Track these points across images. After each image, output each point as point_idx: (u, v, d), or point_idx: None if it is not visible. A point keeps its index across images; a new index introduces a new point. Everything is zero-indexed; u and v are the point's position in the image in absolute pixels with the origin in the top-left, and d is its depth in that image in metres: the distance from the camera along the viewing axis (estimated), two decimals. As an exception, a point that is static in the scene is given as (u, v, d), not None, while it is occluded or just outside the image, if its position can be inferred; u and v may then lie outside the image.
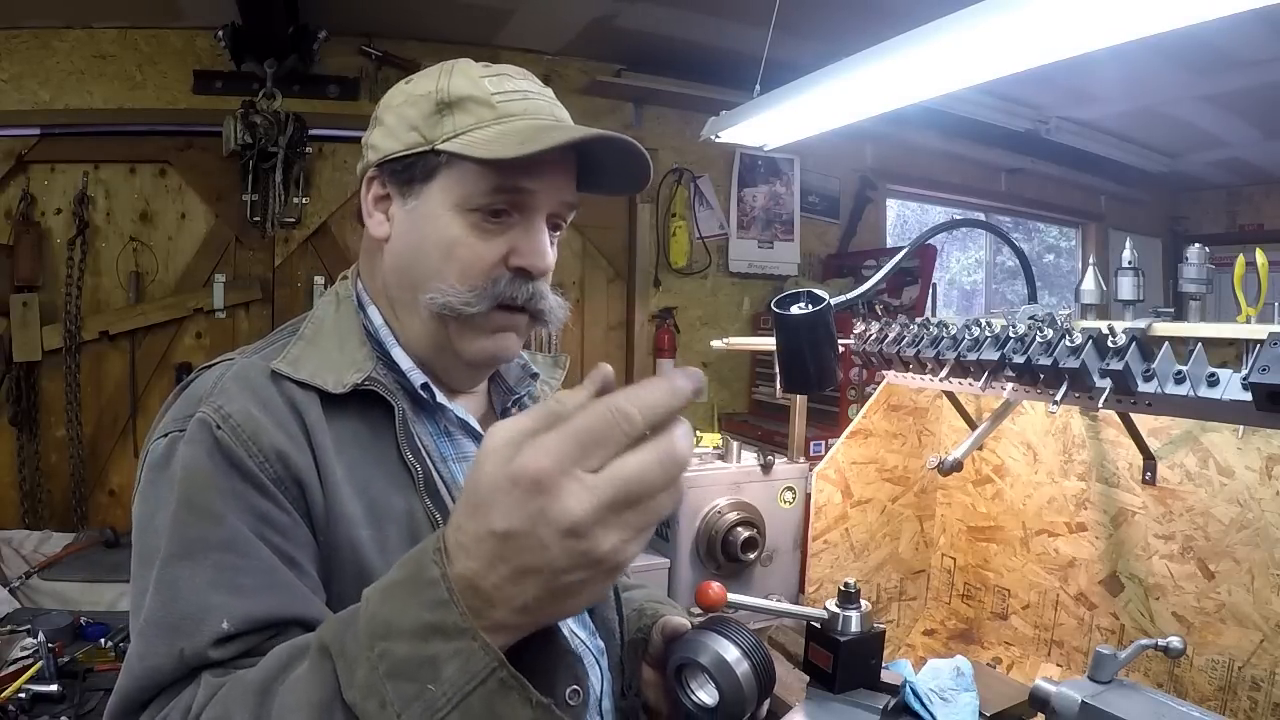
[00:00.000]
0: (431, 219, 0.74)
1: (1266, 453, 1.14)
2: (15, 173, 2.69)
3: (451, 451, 0.79)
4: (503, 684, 0.43)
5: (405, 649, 0.44)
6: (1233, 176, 4.72)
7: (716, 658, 0.76)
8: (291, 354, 0.72)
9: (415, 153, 0.74)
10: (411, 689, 0.43)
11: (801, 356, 1.34)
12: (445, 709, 0.43)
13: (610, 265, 3.48)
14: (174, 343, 2.87)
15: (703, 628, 0.80)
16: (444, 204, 0.73)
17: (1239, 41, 2.76)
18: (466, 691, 0.43)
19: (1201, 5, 1.03)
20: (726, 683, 0.75)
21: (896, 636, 1.69)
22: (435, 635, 0.43)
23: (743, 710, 0.76)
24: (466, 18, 2.91)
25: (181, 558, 0.59)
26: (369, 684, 0.44)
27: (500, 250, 0.73)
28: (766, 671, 0.77)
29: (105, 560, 2.34)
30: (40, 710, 1.57)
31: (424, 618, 0.44)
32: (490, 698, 0.43)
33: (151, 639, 0.57)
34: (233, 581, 0.58)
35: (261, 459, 0.64)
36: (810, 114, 1.74)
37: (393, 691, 0.43)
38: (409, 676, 0.43)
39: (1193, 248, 1.25)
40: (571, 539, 0.41)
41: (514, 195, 0.73)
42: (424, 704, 0.43)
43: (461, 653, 0.43)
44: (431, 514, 0.70)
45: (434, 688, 0.43)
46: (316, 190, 2.98)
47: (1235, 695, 1.17)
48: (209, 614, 0.57)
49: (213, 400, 0.66)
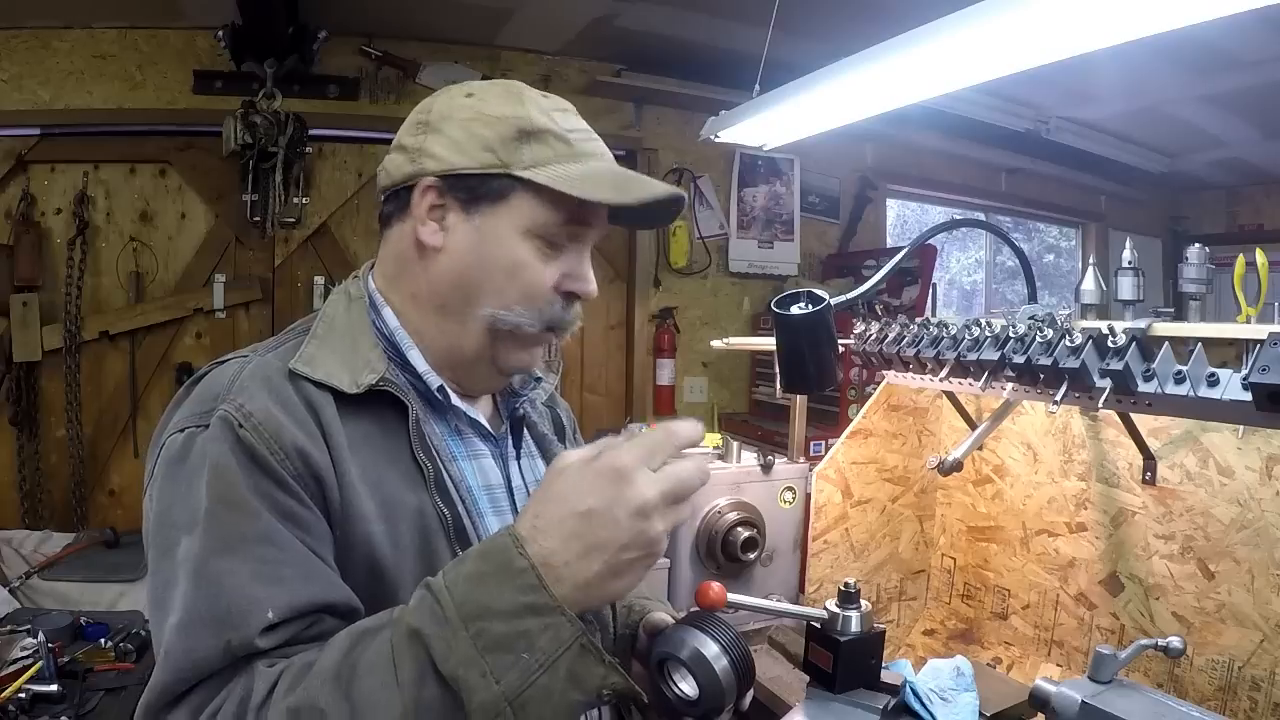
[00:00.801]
0: (498, 239, 0.76)
1: (1266, 453, 1.14)
2: (15, 173, 2.68)
3: (462, 450, 0.82)
4: (583, 649, 0.55)
5: (502, 627, 0.54)
6: (1233, 176, 4.71)
7: (695, 653, 0.79)
8: (306, 353, 0.74)
9: (489, 173, 0.75)
10: (509, 659, 0.54)
11: (801, 356, 1.34)
12: (537, 672, 0.54)
13: (610, 265, 3.48)
14: (174, 343, 2.86)
15: (684, 623, 0.82)
16: (513, 226, 0.76)
17: (1239, 41, 2.76)
18: (555, 657, 0.54)
19: (1201, 5, 1.03)
20: (705, 677, 0.78)
21: (896, 636, 1.69)
22: (529, 614, 0.55)
23: (722, 703, 0.79)
24: (466, 18, 2.91)
25: (222, 553, 0.62)
26: (469, 657, 0.54)
27: (555, 276, 0.78)
28: (745, 666, 0.79)
29: (105, 560, 2.34)
30: (40, 710, 1.56)
31: (519, 600, 0.55)
32: (573, 661, 0.55)
33: (197, 632, 0.59)
34: (275, 574, 0.62)
35: (283, 456, 0.66)
36: (810, 114, 1.74)
37: (492, 662, 0.54)
38: (505, 649, 0.54)
39: (1193, 248, 1.25)
40: (639, 519, 0.56)
41: (576, 227, 0.78)
42: (519, 670, 0.54)
43: (552, 626, 0.54)
44: (440, 510, 0.73)
45: (528, 656, 0.54)
46: (316, 190, 2.98)
47: (1235, 695, 1.17)
48: (255, 605, 0.60)
49: (234, 399, 0.68)
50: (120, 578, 2.23)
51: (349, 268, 3.04)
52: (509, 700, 0.53)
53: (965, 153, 4.19)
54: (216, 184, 2.86)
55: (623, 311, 3.53)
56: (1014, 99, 3.58)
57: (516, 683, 0.53)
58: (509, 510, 0.82)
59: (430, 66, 3.01)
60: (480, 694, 0.53)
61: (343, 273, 3.01)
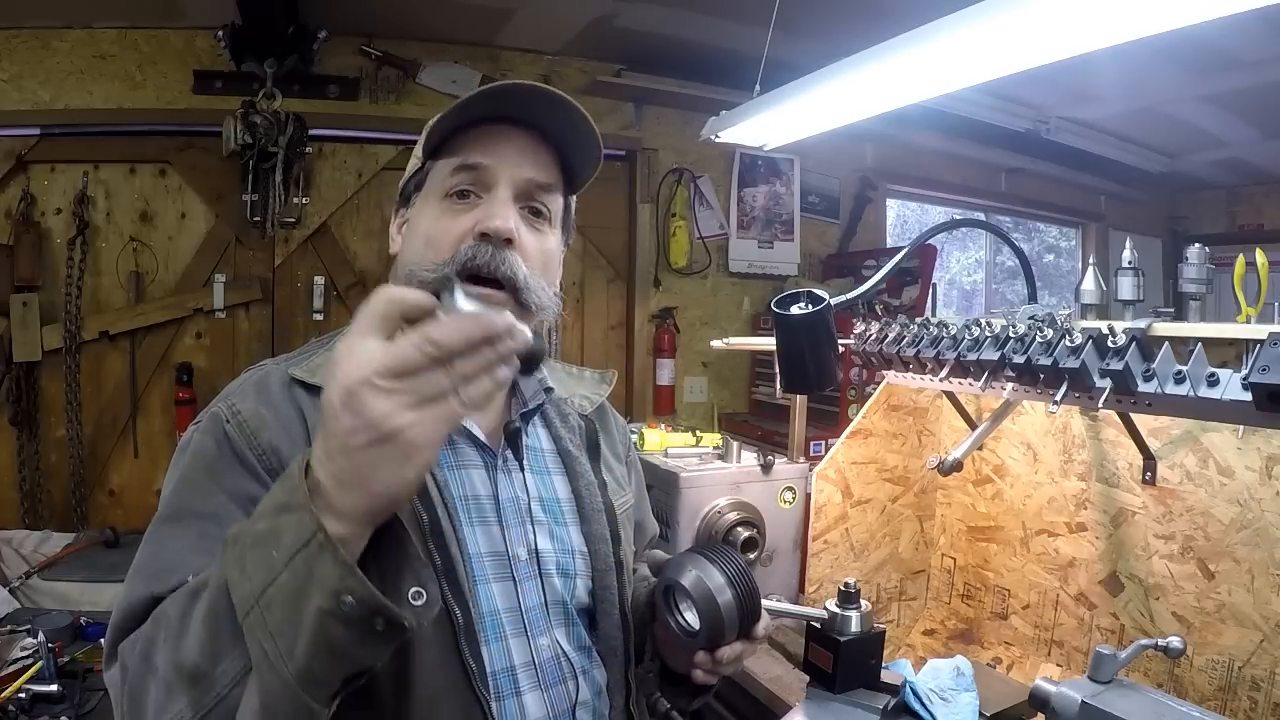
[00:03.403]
0: (416, 217, 0.85)
1: (1266, 453, 1.14)
2: (15, 173, 2.68)
3: (451, 459, 0.82)
4: (320, 546, 0.51)
5: (265, 526, 0.54)
6: (1233, 176, 4.71)
7: (699, 582, 0.79)
8: (313, 363, 0.80)
9: (415, 170, 0.86)
10: (262, 555, 0.53)
11: (801, 356, 1.34)
12: (280, 569, 0.52)
13: (610, 265, 3.48)
14: (174, 343, 2.86)
15: (693, 550, 0.83)
16: (428, 201, 0.83)
17: (1239, 41, 2.76)
18: (295, 552, 0.51)
19: (1201, 5, 1.03)
20: (707, 608, 0.78)
21: (896, 636, 1.69)
22: (284, 511, 0.53)
23: (724, 636, 0.80)
24: (466, 18, 2.91)
25: (172, 521, 0.71)
26: (238, 557, 0.54)
27: (467, 224, 0.79)
28: (750, 601, 0.80)
29: (105, 560, 2.34)
30: (40, 710, 1.57)
31: (279, 498, 0.54)
32: (311, 558, 0.51)
33: (134, 583, 0.68)
34: (209, 547, 0.65)
35: (259, 451, 0.72)
36: (810, 114, 1.74)
37: (250, 559, 0.53)
38: (262, 545, 0.53)
39: (1193, 248, 1.25)
40: (349, 399, 0.50)
41: (472, 173, 0.80)
42: (267, 566, 0.52)
43: (297, 523, 0.52)
44: (418, 513, 0.73)
45: (275, 553, 0.52)
46: (316, 190, 2.97)
47: (1235, 695, 1.17)
48: (181, 567, 0.66)
49: (229, 398, 0.76)
50: (120, 578, 2.18)
51: (349, 268, 3.08)
52: (255, 598, 0.52)
53: (965, 153, 4.19)
54: (216, 184, 2.86)
55: (623, 311, 3.53)
56: (1014, 99, 3.58)
57: (263, 578, 0.52)
58: (494, 522, 0.81)
59: (430, 66, 3.01)
60: (238, 590, 0.53)
61: (343, 273, 3.03)
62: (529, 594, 0.81)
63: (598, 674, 0.84)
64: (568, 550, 0.86)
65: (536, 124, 0.82)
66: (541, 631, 0.81)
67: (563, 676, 0.81)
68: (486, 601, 0.78)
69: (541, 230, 0.84)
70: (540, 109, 0.81)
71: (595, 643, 0.85)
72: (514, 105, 0.80)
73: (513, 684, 0.77)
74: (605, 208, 3.38)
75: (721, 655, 0.82)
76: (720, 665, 0.83)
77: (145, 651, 0.60)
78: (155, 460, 2.85)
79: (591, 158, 0.87)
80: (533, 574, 0.82)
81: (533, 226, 0.83)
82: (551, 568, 0.84)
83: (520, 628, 0.79)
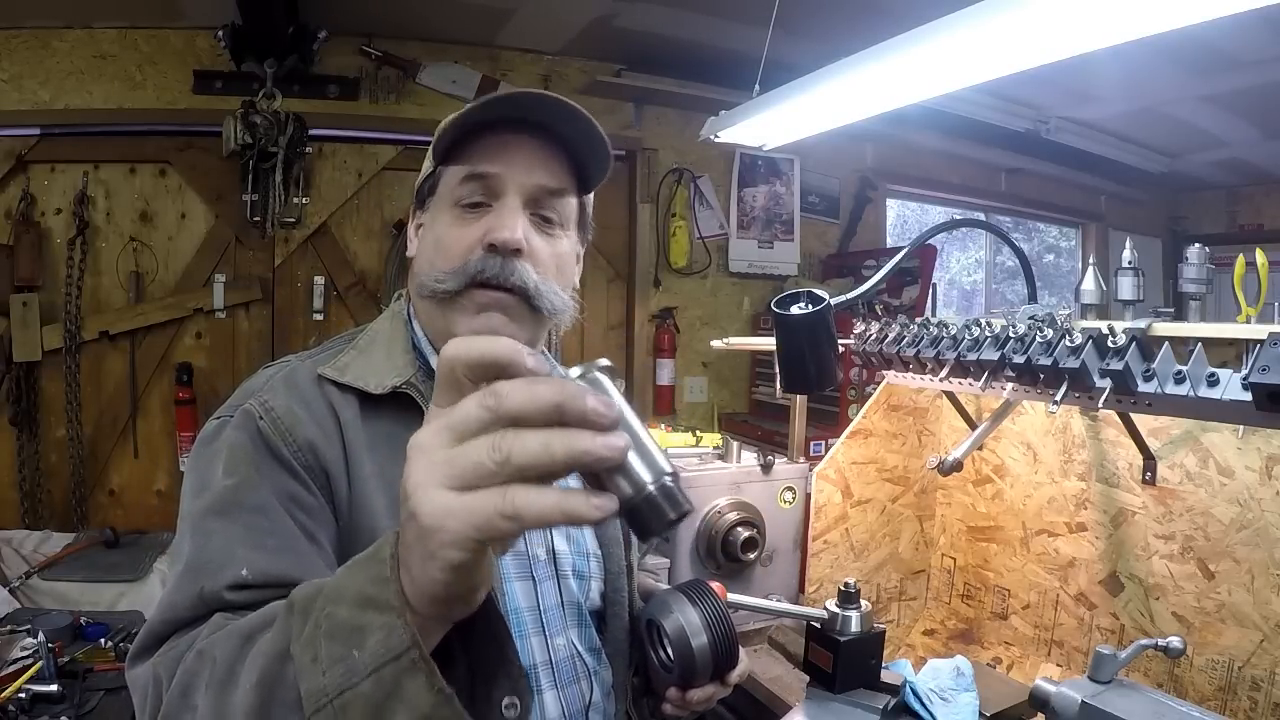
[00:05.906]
0: (431, 223, 0.85)
1: (1266, 453, 1.14)
2: (15, 173, 2.68)
3: None
4: (414, 664, 0.45)
5: (345, 614, 0.47)
6: (1233, 176, 4.71)
7: (677, 623, 0.80)
8: (341, 361, 0.81)
9: (428, 174, 0.86)
10: (340, 650, 0.46)
11: (801, 356, 1.34)
12: (363, 675, 0.45)
13: (610, 265, 3.48)
14: (174, 343, 2.86)
15: (677, 589, 0.83)
16: (440, 208, 0.84)
17: (1239, 41, 2.76)
18: (382, 663, 0.45)
19: (1201, 5, 1.03)
20: (681, 650, 0.79)
21: (896, 636, 1.69)
22: (370, 607, 0.46)
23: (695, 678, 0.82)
24: (466, 18, 2.91)
25: (219, 514, 0.68)
26: (310, 639, 0.47)
27: (477, 234, 0.80)
28: (724, 643, 0.81)
29: (105, 560, 2.34)
30: (40, 710, 1.56)
31: (366, 590, 0.47)
32: (401, 674, 0.45)
33: (180, 579, 0.65)
34: (259, 540, 0.66)
35: (295, 448, 0.73)
36: (810, 114, 1.74)
37: (325, 649, 0.47)
38: (342, 639, 0.46)
39: (1193, 248, 1.25)
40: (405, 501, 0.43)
41: (481, 182, 0.80)
42: (346, 666, 0.46)
43: (386, 627, 0.45)
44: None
45: (358, 654, 0.46)
46: (316, 190, 2.97)
47: (1235, 695, 1.17)
48: (232, 561, 0.64)
49: (261, 395, 0.76)
50: (120, 578, 2.23)
51: (349, 268, 3.08)
52: (330, 698, 0.46)
53: (965, 153, 4.19)
54: (216, 184, 2.86)
55: (623, 312, 3.53)
56: (1014, 99, 3.58)
57: (340, 680, 0.46)
58: None
59: (430, 66, 3.01)
60: (308, 680, 0.47)
61: (342, 273, 3.03)
62: (547, 594, 0.83)
63: (606, 675, 0.86)
64: (583, 553, 0.88)
65: (546, 127, 0.82)
66: (558, 631, 0.82)
67: (576, 676, 0.83)
68: (510, 599, 0.80)
69: (554, 234, 0.84)
70: (549, 113, 0.81)
71: (604, 644, 0.87)
72: (523, 111, 0.80)
73: (534, 682, 0.79)
74: (605, 208, 3.36)
75: (691, 696, 0.84)
76: (690, 704, 0.85)
77: (186, 685, 0.56)
78: (155, 460, 2.85)
79: (602, 160, 0.86)
80: (550, 574, 0.84)
81: (544, 231, 0.83)
82: (568, 569, 0.85)
83: (539, 627, 0.81)
